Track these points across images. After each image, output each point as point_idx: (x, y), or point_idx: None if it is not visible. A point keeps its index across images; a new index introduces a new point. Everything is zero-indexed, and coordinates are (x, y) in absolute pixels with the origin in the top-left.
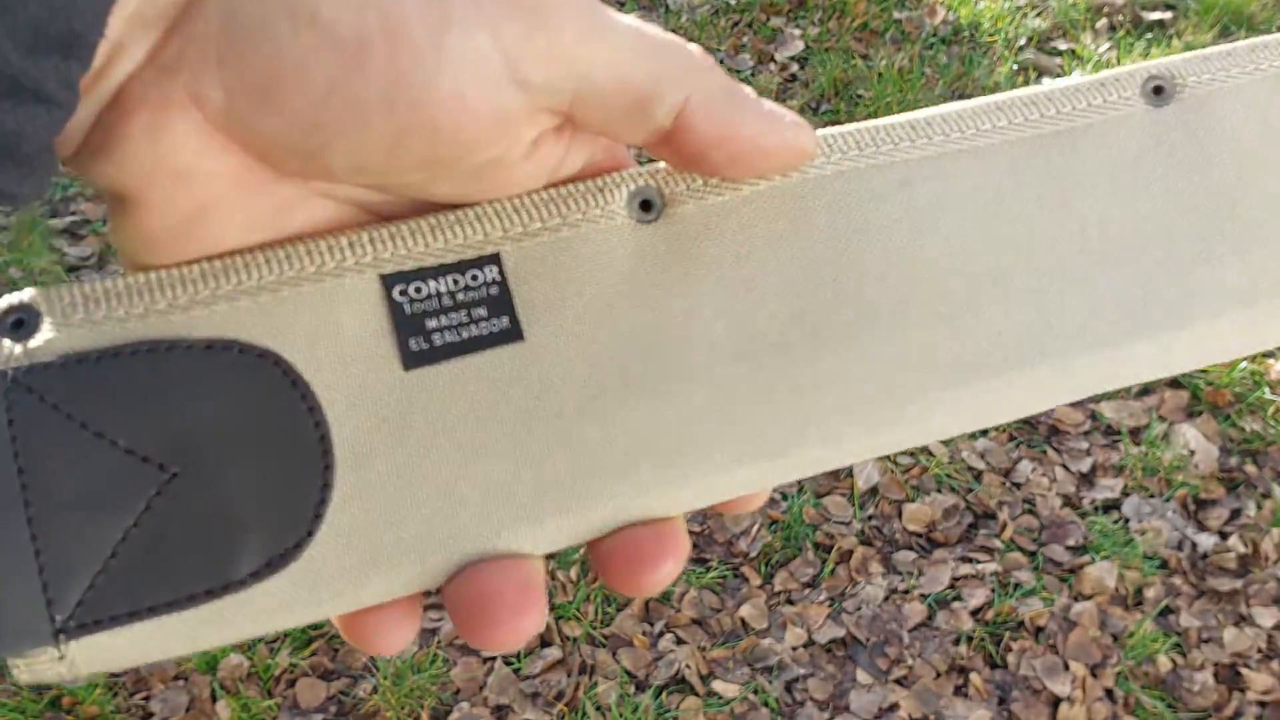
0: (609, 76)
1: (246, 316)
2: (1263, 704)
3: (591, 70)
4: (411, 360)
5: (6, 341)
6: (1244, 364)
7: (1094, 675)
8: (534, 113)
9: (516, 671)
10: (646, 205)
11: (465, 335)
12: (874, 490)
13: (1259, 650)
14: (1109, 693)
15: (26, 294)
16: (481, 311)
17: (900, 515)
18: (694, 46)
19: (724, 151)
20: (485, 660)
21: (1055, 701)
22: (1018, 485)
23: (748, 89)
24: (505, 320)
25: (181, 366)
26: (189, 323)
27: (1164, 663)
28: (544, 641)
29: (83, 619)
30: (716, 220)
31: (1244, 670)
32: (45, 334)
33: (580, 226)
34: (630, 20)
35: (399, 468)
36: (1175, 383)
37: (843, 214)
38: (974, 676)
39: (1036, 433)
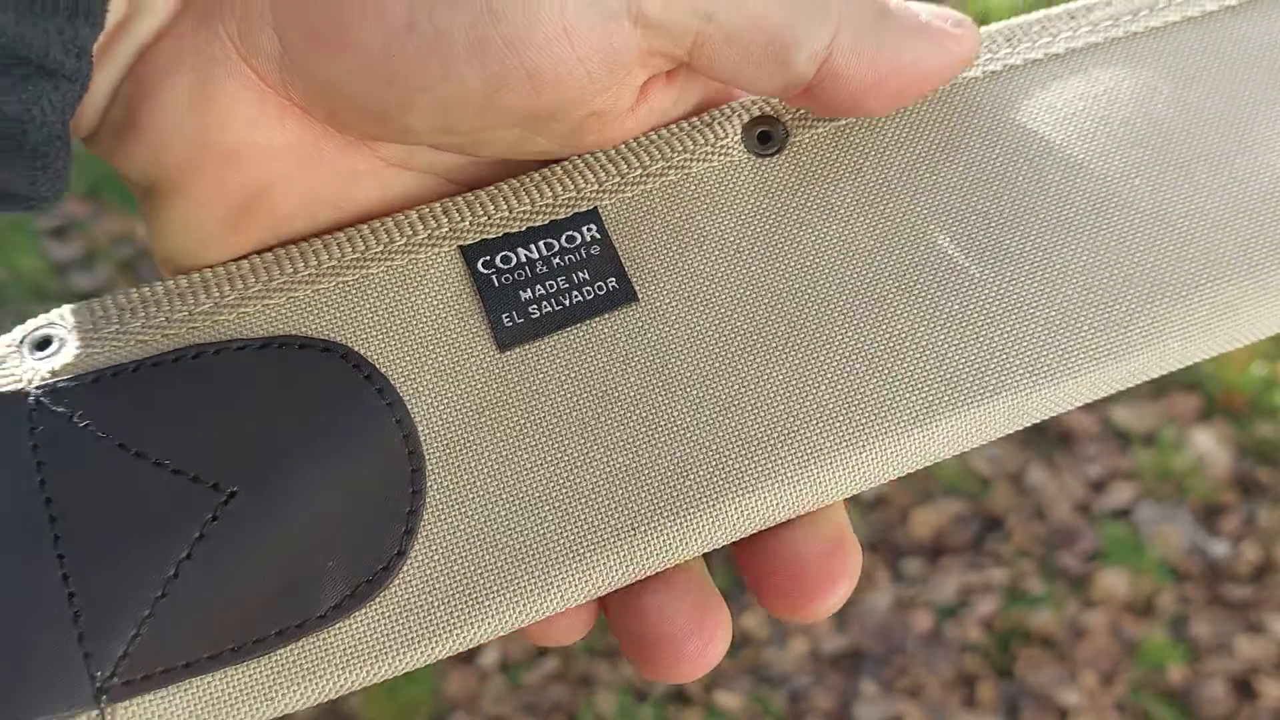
0: (740, 16)
1: (307, 308)
2: (1277, 714)
3: (719, 7)
4: (506, 338)
5: (30, 362)
6: (1258, 368)
7: (1105, 685)
8: (649, 55)
9: (514, 682)
10: (765, 137)
11: (567, 303)
12: (880, 496)
13: (1272, 659)
14: (1120, 704)
15: (54, 313)
16: (584, 275)
17: (906, 522)
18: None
19: (882, 93)
20: (481, 671)
21: (1065, 712)
22: (1027, 491)
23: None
24: (613, 281)
25: (233, 371)
26: (240, 321)
27: (1176, 672)
28: (542, 652)
29: (128, 675)
30: (851, 145)
31: (1257, 680)
32: (73, 349)
33: (690, 168)
34: None
35: (503, 463)
36: (1187, 387)
37: (1006, 117)
38: (982, 687)
39: (1046, 438)
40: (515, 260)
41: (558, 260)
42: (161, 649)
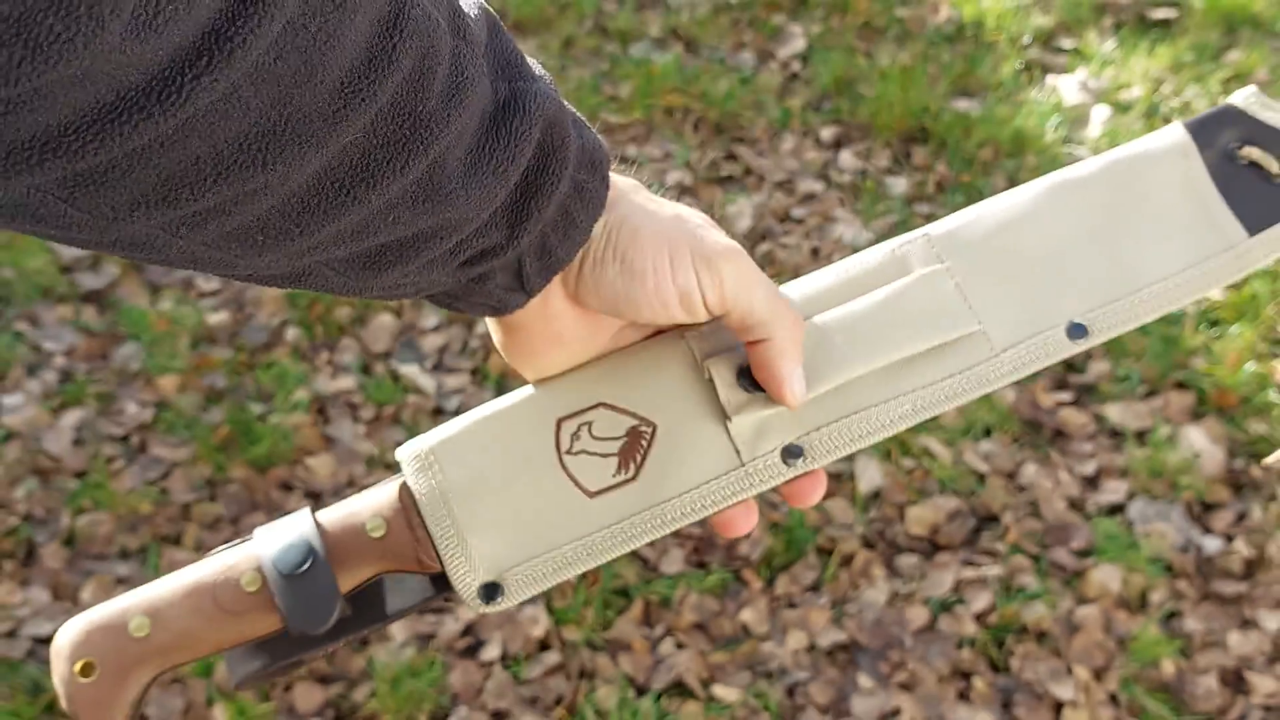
0: (742, 312)
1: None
2: (1268, 708)
3: (733, 307)
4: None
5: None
6: (1250, 366)
7: (1098, 679)
8: (703, 311)
9: (515, 676)
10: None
11: None
12: (877, 493)
13: (1264, 654)
14: (1113, 697)
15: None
16: None
17: (903, 518)
18: (794, 313)
19: (762, 374)
20: (483, 664)
21: (1059, 706)
22: (1022, 488)
23: (796, 348)
24: None
25: None
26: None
27: (1168, 667)
28: (543, 645)
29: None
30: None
31: (1249, 674)
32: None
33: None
34: (765, 280)
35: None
36: (1181, 385)
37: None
38: (977, 681)
39: (1041, 435)
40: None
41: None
42: None
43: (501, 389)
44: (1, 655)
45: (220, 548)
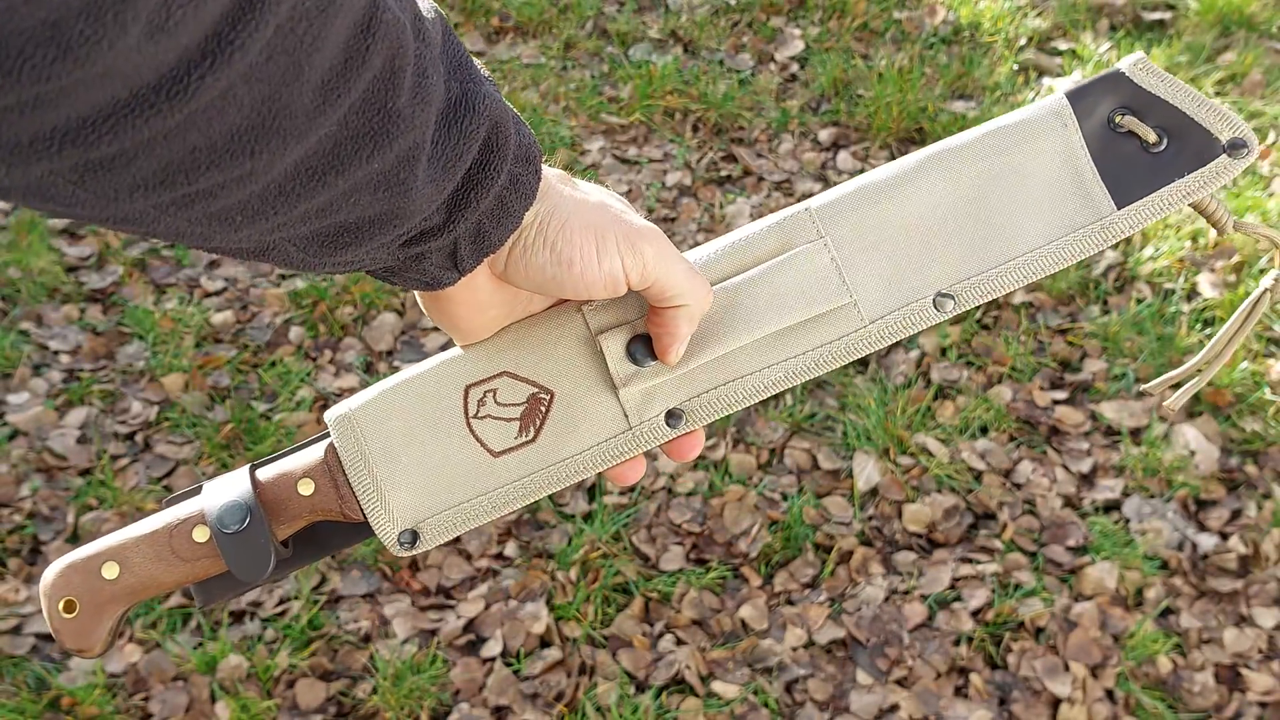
0: (662, 285)
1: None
2: (1263, 705)
3: (654, 283)
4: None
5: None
6: (1244, 364)
7: (1094, 676)
8: (625, 288)
9: (516, 672)
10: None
11: None
12: (874, 491)
13: (1259, 651)
14: (1109, 693)
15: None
16: None
17: (900, 516)
18: (706, 283)
19: (660, 333)
20: (485, 661)
21: (1055, 702)
22: (1018, 486)
23: (700, 313)
24: None
25: None
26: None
27: (1164, 663)
28: (544, 642)
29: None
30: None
31: (1245, 671)
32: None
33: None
34: (680, 257)
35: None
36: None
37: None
38: (974, 677)
39: (1037, 433)
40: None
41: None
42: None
43: None
44: (6, 652)
45: (176, 494)
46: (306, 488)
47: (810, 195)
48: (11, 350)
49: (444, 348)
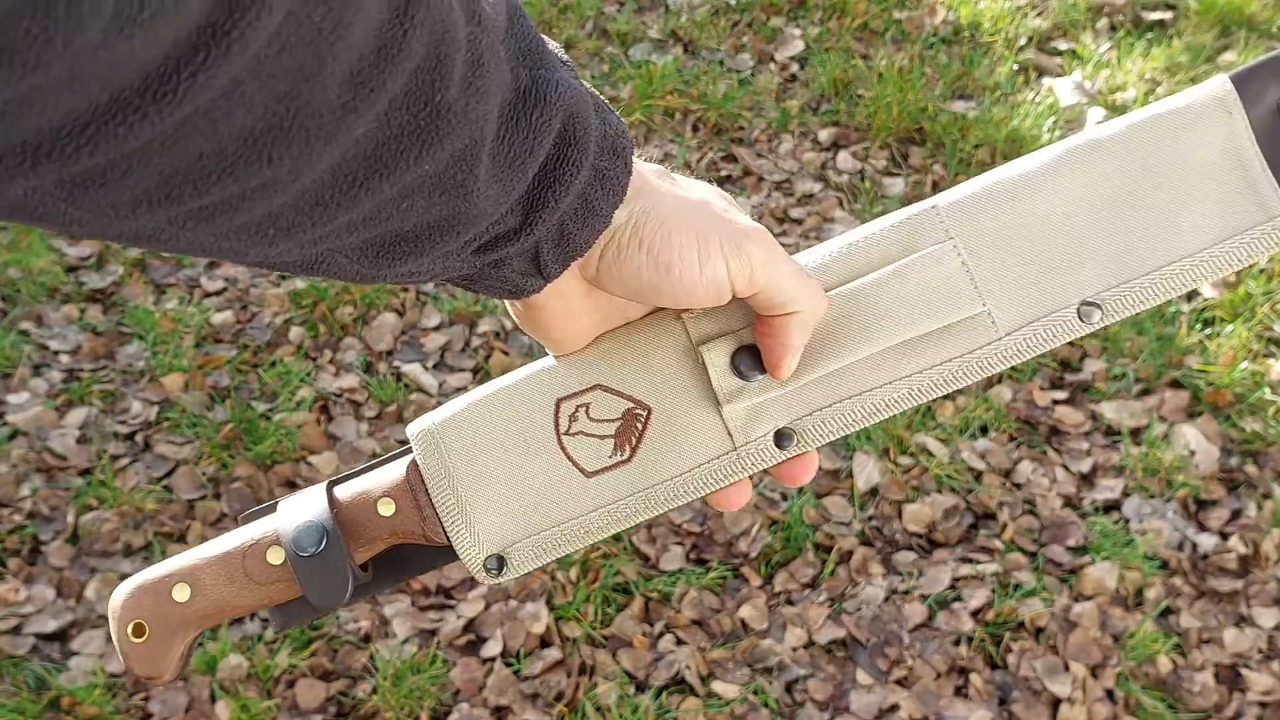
0: (771, 291)
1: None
2: (1264, 705)
3: (762, 289)
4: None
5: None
6: (1244, 364)
7: (1094, 676)
8: (729, 295)
9: (516, 672)
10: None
11: None
12: (874, 491)
13: (1260, 651)
14: (1109, 693)
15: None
16: None
17: (900, 516)
18: (819, 286)
19: (770, 344)
20: (485, 661)
21: (1055, 702)
22: (1018, 486)
23: (814, 321)
24: None
25: None
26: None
27: (1164, 663)
28: (544, 642)
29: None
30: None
31: (1245, 671)
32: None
33: None
34: (791, 259)
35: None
36: (1176, 383)
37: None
38: (974, 677)
39: (1037, 433)
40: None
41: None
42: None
43: None
44: (6, 652)
45: (250, 511)
46: (387, 508)
47: (811, 196)
48: (11, 350)
49: (444, 351)
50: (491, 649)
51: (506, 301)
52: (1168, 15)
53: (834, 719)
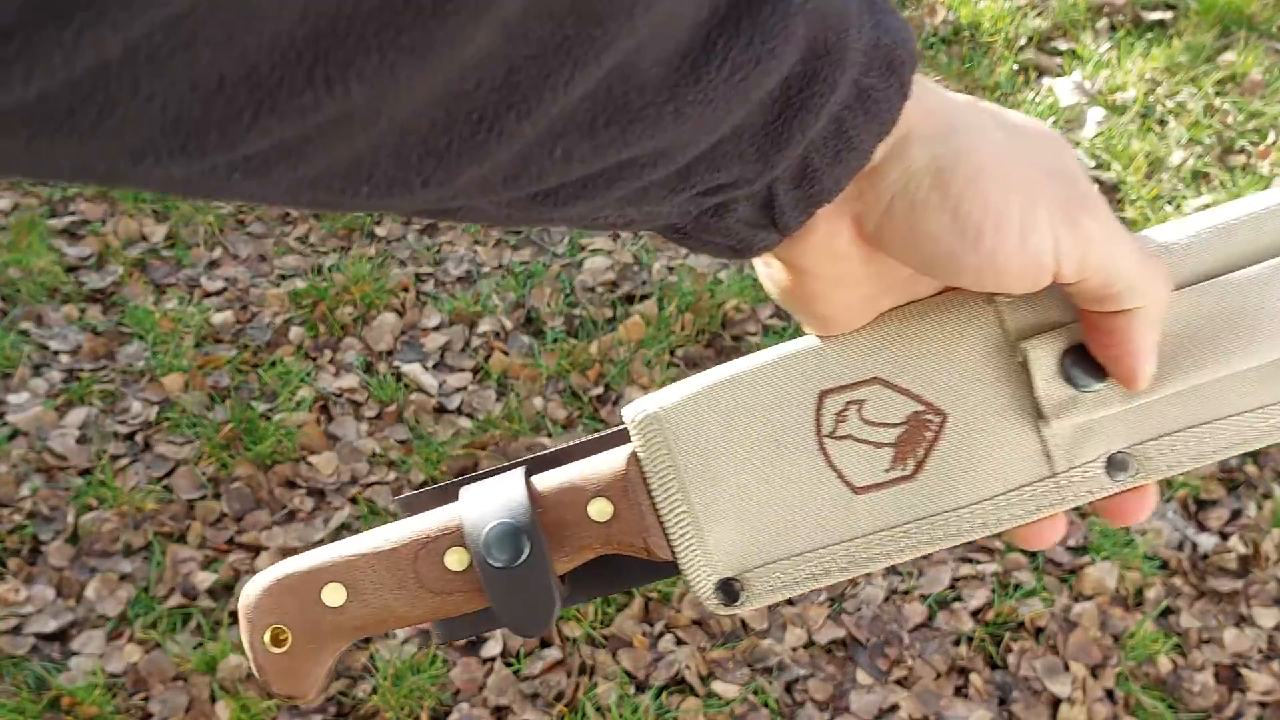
0: (1101, 280)
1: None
2: (1263, 704)
3: (1094, 274)
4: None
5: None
6: None
7: (1094, 676)
8: (1049, 280)
9: (516, 672)
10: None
11: None
12: None
13: (1259, 651)
14: (1109, 693)
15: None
16: None
17: None
18: (1167, 271)
19: (1111, 350)
20: (485, 661)
21: (1055, 702)
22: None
23: (1162, 317)
24: None
25: None
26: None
27: (1164, 663)
28: (544, 642)
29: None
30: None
31: (1244, 671)
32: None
33: None
34: (1130, 238)
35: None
36: None
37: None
38: (974, 677)
39: None
40: None
41: None
42: None
43: (503, 388)
44: (6, 652)
45: (414, 494)
46: (602, 511)
47: None
48: (11, 350)
49: (444, 351)
50: (491, 649)
51: (759, 266)
52: (1168, 15)
53: (834, 719)
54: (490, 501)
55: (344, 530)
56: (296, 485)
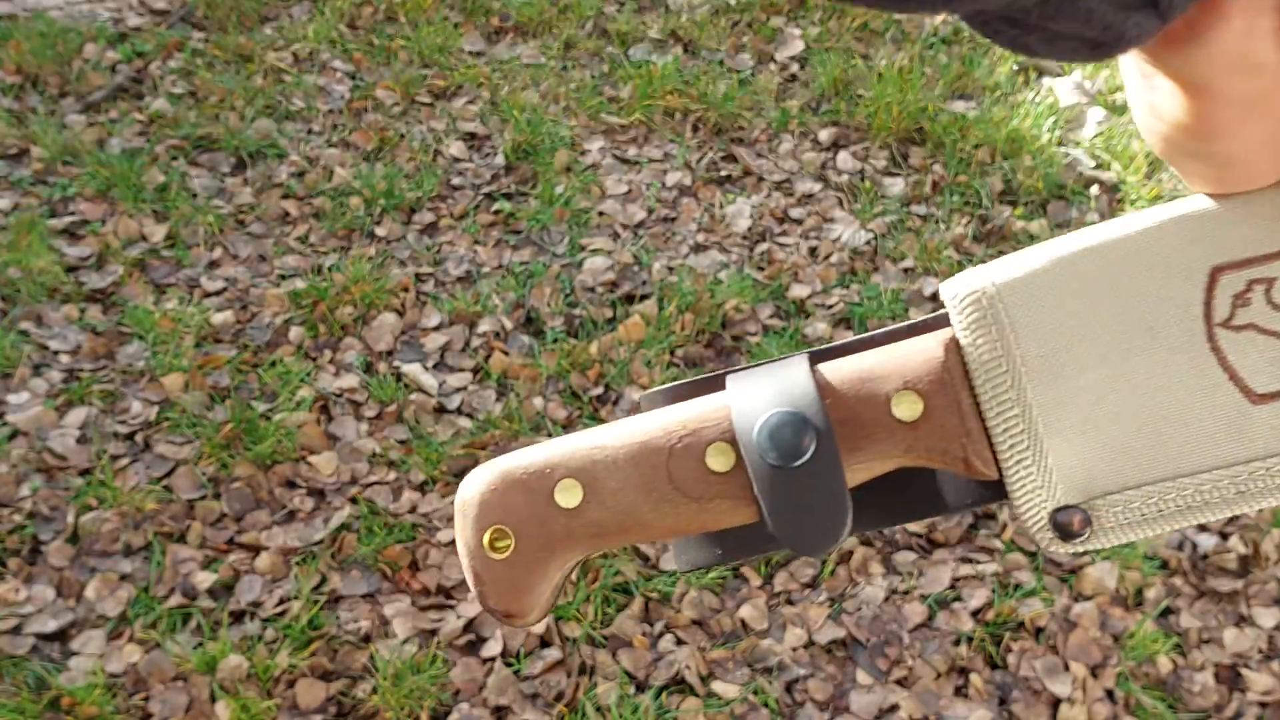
0: None
1: None
2: (1263, 704)
3: None
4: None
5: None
6: None
7: (1094, 676)
8: None
9: (516, 672)
10: None
11: None
12: None
13: (1259, 651)
14: (1109, 693)
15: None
16: None
17: None
18: None
19: None
20: (485, 661)
21: (1055, 702)
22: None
23: None
24: None
25: None
26: None
27: (1164, 663)
28: (544, 642)
29: None
30: None
31: (1244, 671)
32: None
33: None
34: None
35: None
36: None
37: None
38: (974, 677)
39: None
40: None
41: None
42: None
43: (503, 388)
44: (6, 652)
45: (665, 388)
46: (909, 408)
47: (811, 196)
48: (11, 350)
49: (444, 351)
50: (491, 649)
51: (1137, 96)
52: None
53: (834, 719)
54: (767, 389)
55: (344, 530)
56: (296, 485)
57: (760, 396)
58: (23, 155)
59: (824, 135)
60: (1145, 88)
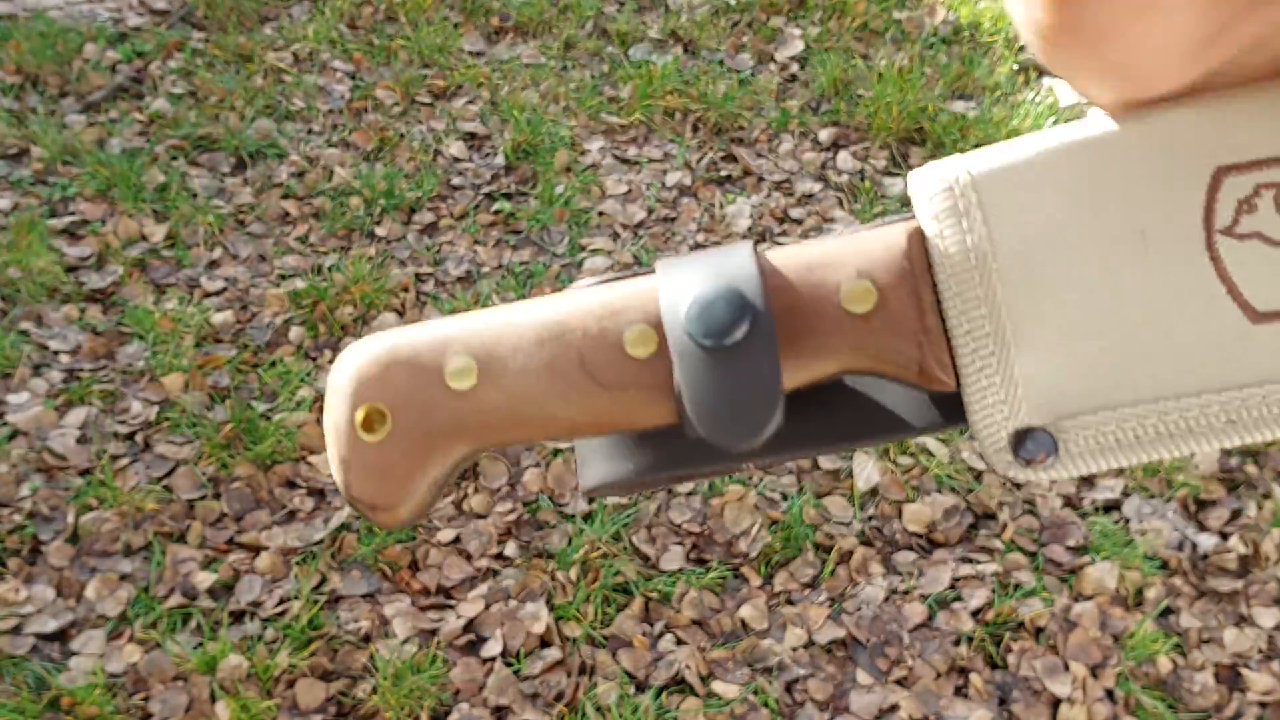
0: None
1: None
2: (1263, 704)
3: None
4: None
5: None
6: None
7: (1094, 676)
8: None
9: (516, 672)
10: None
11: None
12: (874, 491)
13: (1259, 651)
14: (1109, 693)
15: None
16: None
17: (900, 516)
18: None
19: None
20: (485, 661)
21: (1056, 702)
22: (1018, 486)
23: None
24: None
25: None
26: None
27: (1164, 663)
28: (544, 642)
29: None
30: None
31: (1244, 671)
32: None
33: None
34: None
35: None
36: None
37: None
38: (974, 677)
39: None
40: None
41: None
42: None
43: None
44: (6, 652)
45: (595, 281)
46: (862, 296)
47: (811, 196)
48: (11, 350)
49: None
50: (491, 649)
51: None
52: None
53: (834, 719)
54: (702, 269)
55: (344, 530)
56: (296, 485)
57: (693, 277)
58: (23, 155)
59: (824, 135)
60: None
